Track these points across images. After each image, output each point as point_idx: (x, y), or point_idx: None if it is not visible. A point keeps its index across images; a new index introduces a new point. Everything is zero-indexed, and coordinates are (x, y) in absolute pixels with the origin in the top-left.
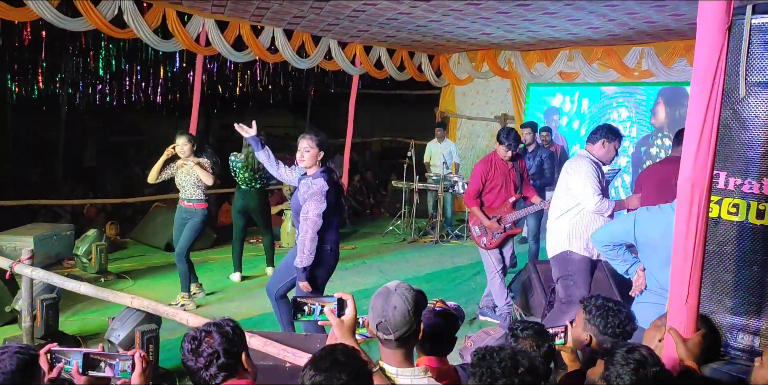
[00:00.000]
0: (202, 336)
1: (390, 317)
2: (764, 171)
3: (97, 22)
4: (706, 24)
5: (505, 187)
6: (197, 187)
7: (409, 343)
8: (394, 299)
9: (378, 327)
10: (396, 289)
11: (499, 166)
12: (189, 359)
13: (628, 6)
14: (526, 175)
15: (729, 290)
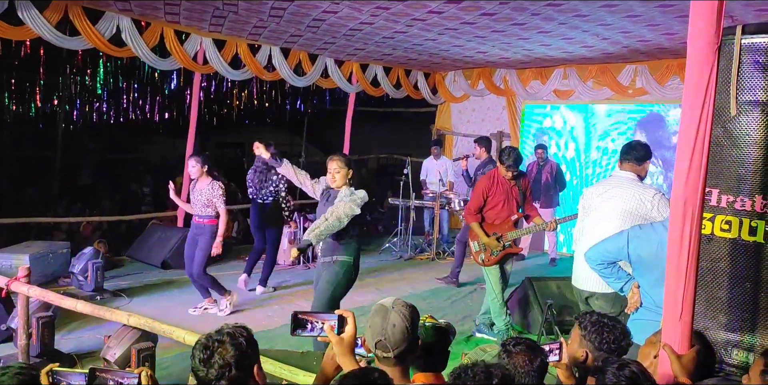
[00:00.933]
0: (215, 346)
1: (390, 335)
2: (756, 188)
3: (95, 41)
4: (696, 44)
5: (507, 204)
6: (206, 206)
7: (405, 359)
8: (393, 317)
9: (377, 345)
10: (393, 306)
11: (502, 183)
12: (200, 370)
13: (621, 25)
14: (528, 193)
15: (723, 306)
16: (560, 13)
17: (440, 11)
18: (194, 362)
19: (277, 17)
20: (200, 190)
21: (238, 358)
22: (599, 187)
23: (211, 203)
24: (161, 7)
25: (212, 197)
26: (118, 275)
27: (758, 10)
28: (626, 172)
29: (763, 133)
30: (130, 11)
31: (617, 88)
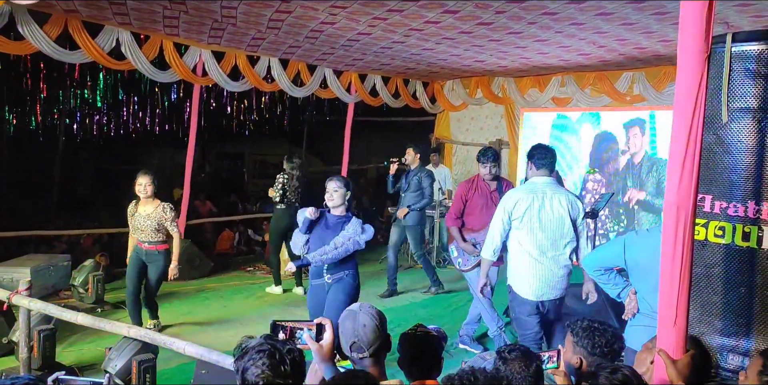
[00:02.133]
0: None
1: (362, 335)
2: (748, 194)
3: (95, 55)
4: (686, 52)
5: (486, 209)
6: (158, 231)
7: (380, 358)
8: (362, 318)
9: (352, 348)
10: (360, 309)
11: (481, 188)
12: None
13: (617, 33)
14: None
15: (718, 311)
16: (556, 22)
17: (437, 21)
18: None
19: (276, 29)
20: (147, 215)
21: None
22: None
23: (162, 227)
24: (160, 20)
25: (164, 221)
26: (119, 287)
27: (753, 16)
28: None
29: (754, 139)
30: (130, 25)
31: (615, 95)
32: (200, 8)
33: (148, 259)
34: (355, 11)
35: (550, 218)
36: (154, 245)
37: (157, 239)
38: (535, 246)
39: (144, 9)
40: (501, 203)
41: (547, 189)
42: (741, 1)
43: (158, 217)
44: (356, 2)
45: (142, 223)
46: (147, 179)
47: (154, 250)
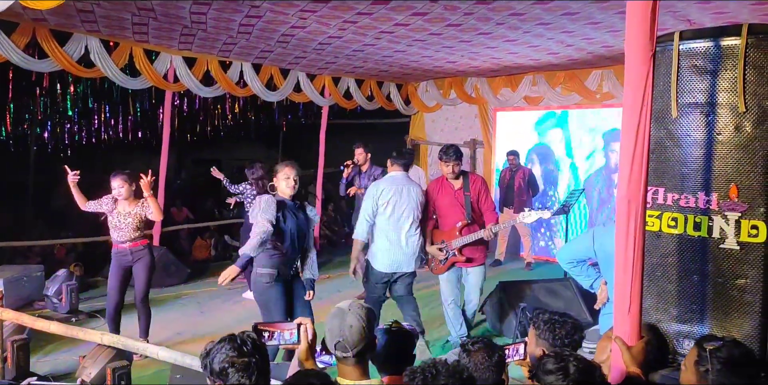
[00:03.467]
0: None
1: (347, 335)
2: (698, 186)
3: (63, 63)
4: (633, 52)
5: (453, 210)
6: (138, 228)
7: (364, 358)
8: (350, 319)
9: (336, 346)
10: (350, 308)
11: (446, 187)
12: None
13: (584, 32)
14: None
15: (673, 299)
16: (523, 22)
17: (407, 24)
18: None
19: (247, 34)
20: (128, 213)
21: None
22: (390, 184)
23: (143, 223)
24: (129, 26)
25: (146, 214)
26: (93, 297)
27: (714, 13)
28: (402, 172)
29: (703, 133)
30: (98, 32)
31: (585, 93)
32: (169, 14)
33: (134, 257)
34: (324, 15)
35: (403, 205)
36: (137, 242)
37: (137, 235)
38: (389, 228)
39: (112, 16)
40: (368, 191)
41: (405, 181)
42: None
43: (141, 213)
44: (325, 6)
45: (121, 221)
46: (120, 181)
47: (139, 246)
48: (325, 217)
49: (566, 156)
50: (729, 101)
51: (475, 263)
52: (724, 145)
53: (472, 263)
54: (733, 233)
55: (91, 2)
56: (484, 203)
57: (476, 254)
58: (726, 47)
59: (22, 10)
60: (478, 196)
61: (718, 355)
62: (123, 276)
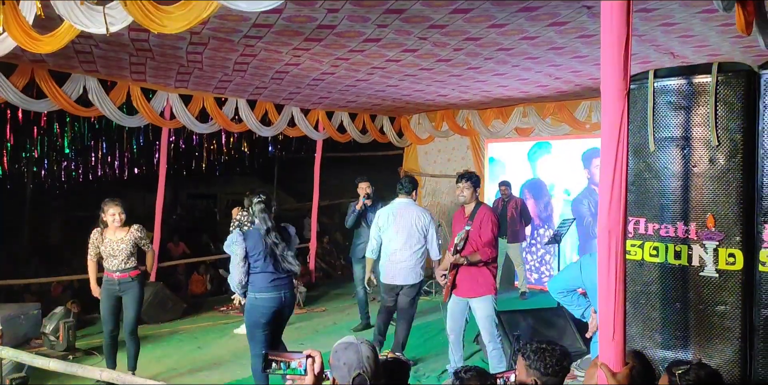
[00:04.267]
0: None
1: (367, 366)
2: (677, 216)
3: (62, 103)
4: (608, 90)
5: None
6: (131, 255)
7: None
8: (365, 350)
9: (355, 379)
10: (360, 341)
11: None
12: None
13: (570, 65)
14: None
15: (657, 326)
16: (512, 57)
17: (398, 59)
18: None
19: (242, 71)
20: (121, 238)
21: None
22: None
23: (135, 249)
24: (127, 66)
25: (138, 240)
26: (90, 334)
27: (696, 46)
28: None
29: (679, 165)
30: (97, 72)
31: (575, 124)
32: (166, 54)
33: (122, 288)
34: (318, 53)
35: (403, 227)
36: (127, 272)
37: (130, 265)
38: (387, 245)
39: (111, 57)
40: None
41: (403, 207)
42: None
43: (133, 239)
44: (318, 44)
45: (115, 248)
46: (119, 208)
47: (128, 277)
48: (320, 250)
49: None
50: (703, 135)
51: (473, 293)
52: (699, 177)
53: (471, 293)
54: (711, 261)
55: (89, 44)
56: (481, 237)
57: (471, 284)
58: (698, 84)
59: (22, 52)
60: (479, 227)
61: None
62: (112, 304)
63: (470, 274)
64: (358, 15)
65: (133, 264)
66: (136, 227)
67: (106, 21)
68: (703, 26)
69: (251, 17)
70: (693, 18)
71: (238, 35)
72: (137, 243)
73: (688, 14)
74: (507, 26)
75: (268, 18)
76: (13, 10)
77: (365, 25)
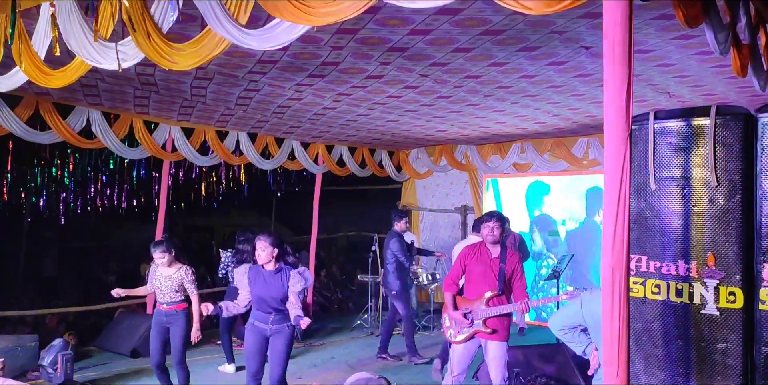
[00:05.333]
0: None
1: None
2: (678, 254)
3: (65, 135)
4: (611, 132)
5: (484, 279)
6: (177, 291)
7: None
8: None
9: None
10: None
11: (482, 253)
12: None
13: (568, 103)
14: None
15: (660, 363)
16: (511, 94)
17: (399, 96)
18: None
19: (244, 105)
20: (169, 276)
21: None
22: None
23: (182, 288)
24: (131, 99)
25: (185, 282)
26: (87, 366)
27: (692, 86)
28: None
29: (680, 205)
30: (101, 105)
31: (572, 160)
32: (171, 88)
33: (169, 320)
34: (320, 88)
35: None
36: (173, 306)
37: (177, 299)
38: None
39: (115, 90)
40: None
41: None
42: (676, 77)
43: (180, 278)
44: (321, 80)
45: (162, 283)
46: (159, 253)
47: (173, 310)
48: (317, 283)
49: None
50: (702, 176)
51: (498, 337)
52: (699, 217)
53: (495, 336)
54: (712, 299)
55: (96, 78)
56: (517, 280)
57: (500, 327)
58: (697, 126)
59: (28, 85)
60: (513, 271)
61: None
62: (161, 334)
63: (501, 319)
64: (361, 52)
65: (179, 298)
66: (186, 268)
67: (119, 57)
68: (699, 67)
69: (257, 54)
70: (689, 59)
71: (243, 71)
72: (182, 283)
73: (685, 56)
74: (507, 65)
75: (274, 55)
76: (26, 45)
77: (368, 62)
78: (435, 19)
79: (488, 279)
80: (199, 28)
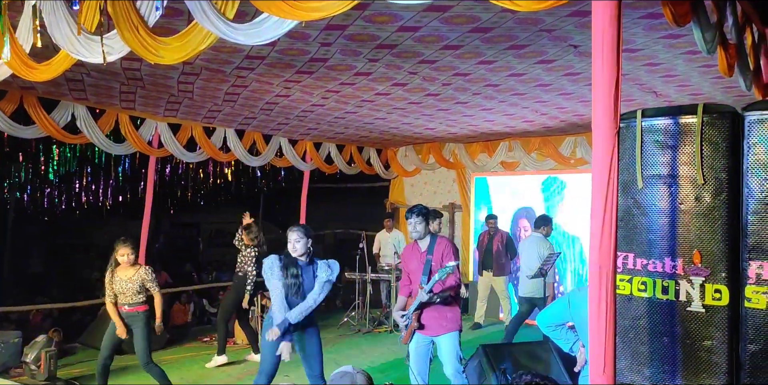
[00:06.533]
0: None
1: None
2: (665, 252)
3: (50, 130)
4: (599, 130)
5: (417, 275)
6: (139, 293)
7: None
8: (360, 379)
9: None
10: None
11: (414, 251)
12: None
13: (556, 101)
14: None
15: (646, 360)
16: (499, 93)
17: (387, 93)
18: None
19: (232, 101)
20: (129, 278)
21: None
22: None
23: (143, 289)
24: (117, 95)
25: (146, 282)
26: (70, 363)
27: (678, 85)
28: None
29: (666, 203)
30: (86, 100)
31: (559, 159)
32: (157, 84)
33: (130, 321)
34: (308, 85)
35: None
36: (134, 307)
37: (138, 300)
38: None
39: (101, 85)
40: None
41: None
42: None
43: (140, 279)
44: (309, 77)
45: (123, 286)
46: (129, 249)
47: (134, 312)
48: None
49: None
50: (689, 174)
51: (443, 330)
52: (686, 214)
53: (436, 331)
54: (698, 297)
55: (81, 72)
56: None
57: (440, 322)
58: (684, 124)
59: (12, 78)
60: (441, 258)
61: None
62: (114, 334)
63: (439, 311)
64: (350, 49)
65: (140, 299)
66: (146, 268)
67: (104, 51)
68: (686, 67)
69: (245, 49)
70: (676, 59)
71: (230, 66)
72: (143, 283)
73: (672, 55)
74: (495, 63)
75: (262, 50)
76: (11, 38)
77: (357, 59)
78: (424, 16)
79: (419, 274)
80: (186, 22)
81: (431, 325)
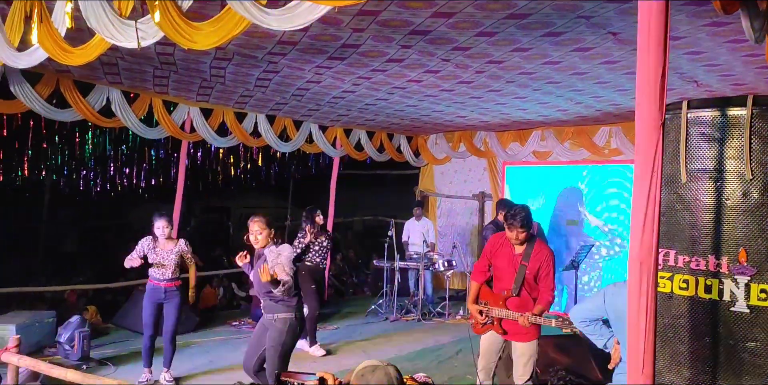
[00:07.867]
0: None
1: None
2: (708, 249)
3: (85, 113)
4: (643, 121)
5: (504, 275)
6: (178, 266)
7: None
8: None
9: None
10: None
11: (505, 247)
12: None
13: (592, 90)
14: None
15: (686, 361)
16: (533, 81)
17: (419, 80)
18: None
19: (263, 87)
20: (170, 250)
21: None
22: None
23: (181, 261)
24: (151, 79)
25: (185, 253)
26: (103, 344)
27: (720, 75)
28: None
29: (711, 198)
30: (120, 84)
31: (593, 149)
32: (190, 68)
33: (166, 297)
34: (340, 71)
35: None
36: (173, 282)
37: (175, 275)
38: None
39: (135, 69)
40: None
41: None
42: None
43: (180, 250)
44: (341, 63)
45: (165, 258)
46: (165, 221)
47: (173, 287)
48: (333, 267)
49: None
50: (736, 168)
51: (519, 338)
52: (732, 211)
53: (516, 337)
54: (743, 297)
55: (116, 56)
56: (542, 280)
57: (522, 329)
58: (732, 117)
59: (48, 62)
60: (537, 269)
61: None
62: (156, 310)
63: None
64: (383, 35)
65: (177, 274)
66: (183, 241)
67: (138, 35)
68: (729, 56)
69: (277, 34)
70: (720, 47)
71: (262, 52)
72: (183, 255)
73: (715, 43)
74: (531, 50)
75: (294, 35)
76: (46, 22)
77: (389, 45)
78: (458, 2)
79: (508, 277)
80: (219, 8)
81: (513, 330)
